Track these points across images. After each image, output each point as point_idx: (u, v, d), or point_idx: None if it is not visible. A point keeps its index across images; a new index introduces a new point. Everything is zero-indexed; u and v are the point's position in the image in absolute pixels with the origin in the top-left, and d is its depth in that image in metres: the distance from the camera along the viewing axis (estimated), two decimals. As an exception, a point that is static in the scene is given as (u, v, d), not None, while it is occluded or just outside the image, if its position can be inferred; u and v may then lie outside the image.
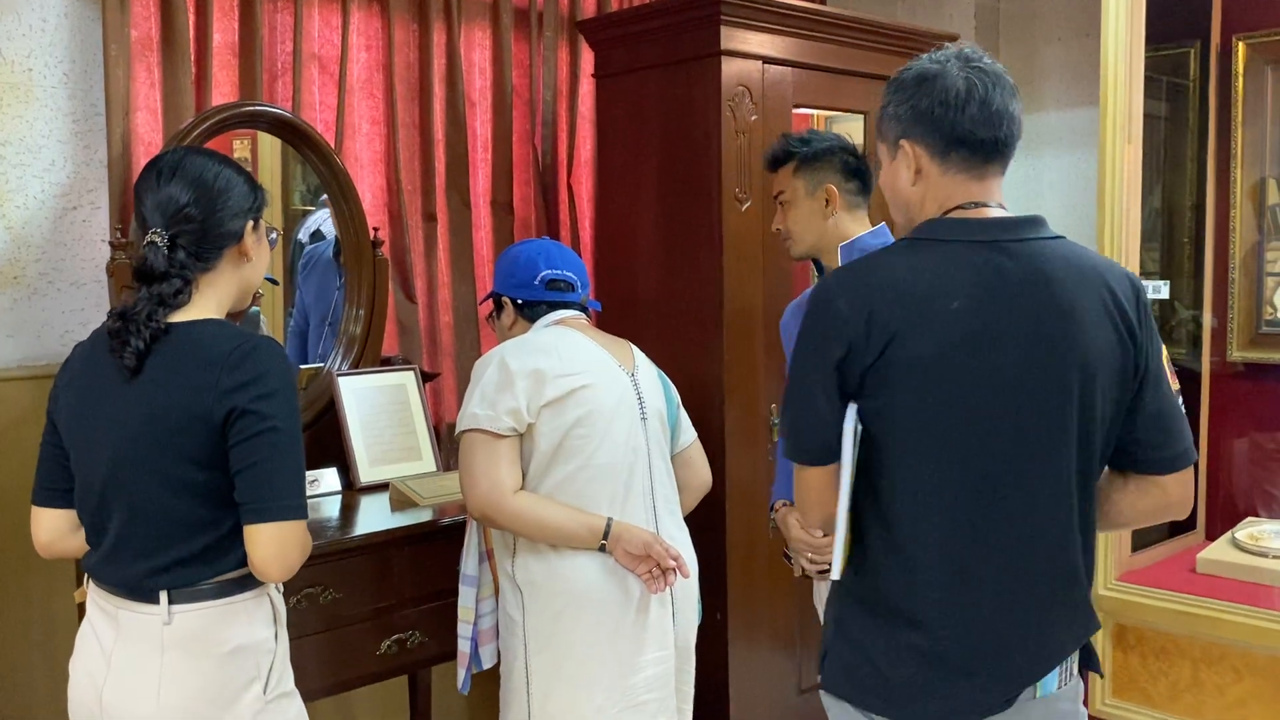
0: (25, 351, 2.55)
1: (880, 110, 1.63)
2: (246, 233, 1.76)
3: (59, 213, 2.58)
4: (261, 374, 1.63)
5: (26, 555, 2.54)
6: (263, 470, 1.62)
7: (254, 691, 1.68)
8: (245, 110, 2.65)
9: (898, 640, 1.52)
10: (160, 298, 1.66)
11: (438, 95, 3.11)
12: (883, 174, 1.66)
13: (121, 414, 1.65)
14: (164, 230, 1.68)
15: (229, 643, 1.66)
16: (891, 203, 1.65)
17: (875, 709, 1.54)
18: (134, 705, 1.64)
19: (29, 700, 2.58)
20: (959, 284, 1.49)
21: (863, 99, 3.20)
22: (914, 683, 1.51)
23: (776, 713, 3.12)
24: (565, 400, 2.17)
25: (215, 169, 1.73)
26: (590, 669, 2.18)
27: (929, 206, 1.58)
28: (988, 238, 1.53)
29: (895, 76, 1.61)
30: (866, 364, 1.47)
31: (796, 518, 2.38)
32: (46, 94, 2.55)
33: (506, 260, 2.41)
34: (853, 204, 2.42)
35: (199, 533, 1.65)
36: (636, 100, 3.11)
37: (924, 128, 1.55)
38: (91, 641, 1.72)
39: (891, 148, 1.61)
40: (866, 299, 1.47)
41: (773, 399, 3.02)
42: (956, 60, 1.56)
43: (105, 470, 1.67)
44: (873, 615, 1.54)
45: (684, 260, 3.01)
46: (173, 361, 1.64)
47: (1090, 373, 1.51)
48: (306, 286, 3.08)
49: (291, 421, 1.66)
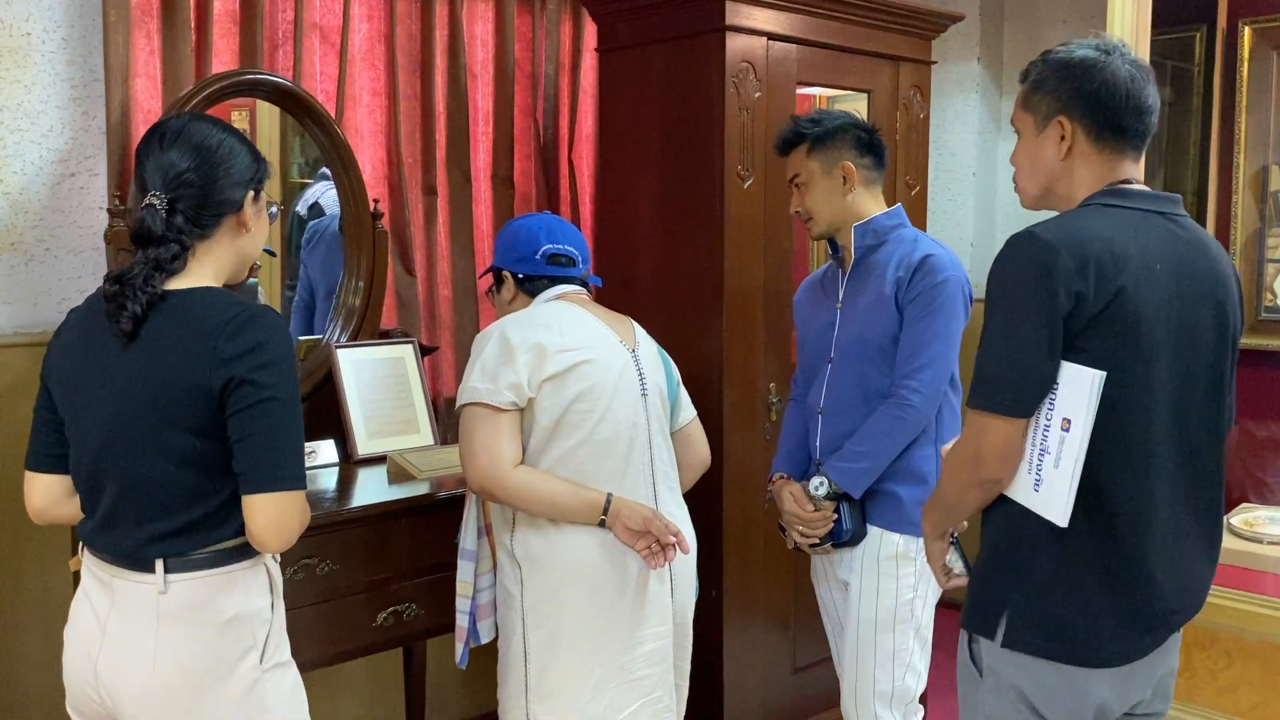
0: (22, 318, 2.53)
1: (1030, 84, 1.73)
2: (246, 203, 1.74)
3: (57, 179, 2.56)
4: (260, 343, 1.61)
5: (22, 523, 2.53)
6: (261, 440, 1.61)
7: (250, 661, 1.68)
8: (246, 78, 2.63)
9: (1110, 593, 1.60)
10: (157, 262, 1.64)
11: (439, 68, 3.09)
12: (1022, 144, 1.75)
13: (117, 381, 1.64)
14: (163, 194, 1.66)
15: (225, 612, 1.66)
16: (1027, 171, 1.75)
17: (1064, 658, 1.61)
18: (130, 674, 1.64)
19: (23, 668, 2.58)
20: (1156, 247, 1.61)
21: (867, 77, 3.18)
22: (1114, 631, 1.61)
23: (770, 691, 3.13)
24: (566, 375, 2.17)
25: (219, 136, 1.71)
26: (588, 644, 2.18)
27: (1080, 181, 1.70)
28: (1159, 209, 1.67)
29: (1059, 56, 1.72)
30: (1090, 316, 1.54)
31: (791, 491, 2.39)
32: (45, 59, 2.53)
33: (507, 234, 2.40)
34: (870, 179, 2.42)
35: (196, 502, 1.64)
36: (639, 75, 3.09)
37: (1085, 109, 1.67)
38: (86, 610, 1.71)
39: (1042, 121, 1.71)
40: (1088, 253, 1.54)
41: (772, 378, 3.01)
42: (1118, 51, 1.69)
43: (101, 438, 1.65)
44: (1082, 570, 1.60)
45: (685, 238, 2.99)
46: (170, 329, 1.63)
47: (1236, 336, 1.71)
48: (312, 261, 3.07)
49: (290, 391, 1.64)
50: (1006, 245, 1.60)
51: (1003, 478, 1.62)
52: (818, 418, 2.46)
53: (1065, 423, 1.55)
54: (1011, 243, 1.60)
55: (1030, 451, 1.59)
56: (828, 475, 2.35)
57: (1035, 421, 1.58)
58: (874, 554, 2.38)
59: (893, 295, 2.34)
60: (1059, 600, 1.60)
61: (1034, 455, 1.59)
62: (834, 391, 2.43)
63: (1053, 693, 1.62)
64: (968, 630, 1.70)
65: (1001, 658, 1.64)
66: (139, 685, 1.64)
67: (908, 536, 2.37)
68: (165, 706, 1.63)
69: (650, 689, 2.25)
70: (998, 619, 1.63)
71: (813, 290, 2.60)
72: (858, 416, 2.37)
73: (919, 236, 2.42)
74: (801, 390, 2.59)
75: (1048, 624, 1.61)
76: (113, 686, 1.65)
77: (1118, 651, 1.63)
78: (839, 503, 2.36)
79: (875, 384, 2.37)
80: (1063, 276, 1.53)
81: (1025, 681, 1.62)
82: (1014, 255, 1.59)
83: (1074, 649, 1.60)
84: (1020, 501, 1.61)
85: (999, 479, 1.62)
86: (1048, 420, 1.57)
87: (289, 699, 1.74)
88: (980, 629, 1.67)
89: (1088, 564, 1.60)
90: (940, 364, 2.33)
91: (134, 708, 1.65)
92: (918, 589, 2.39)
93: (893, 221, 2.43)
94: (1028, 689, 1.62)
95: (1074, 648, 1.60)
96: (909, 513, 2.36)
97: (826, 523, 2.36)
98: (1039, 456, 1.58)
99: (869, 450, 2.33)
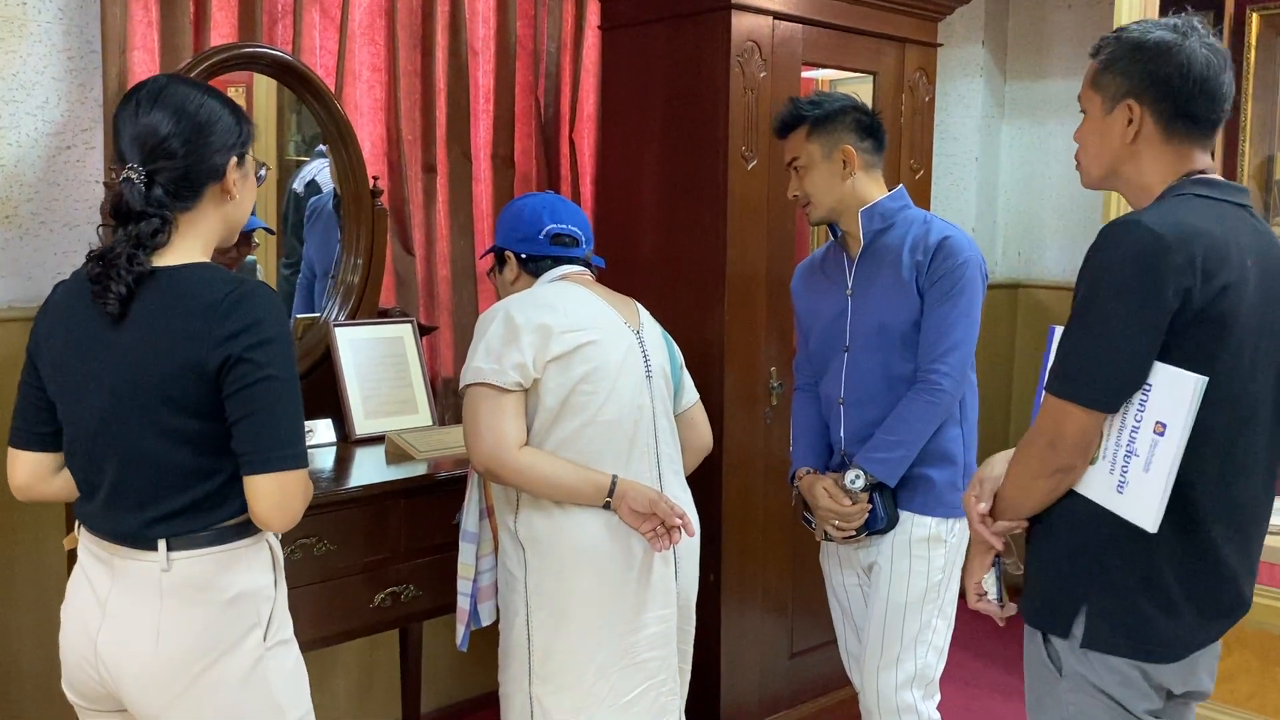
0: (16, 292, 2.50)
1: (1101, 63, 1.67)
2: (229, 169, 1.66)
3: (52, 152, 2.53)
4: (256, 321, 1.58)
5: (12, 501, 2.51)
6: (261, 420, 1.58)
7: (254, 638, 1.66)
8: (245, 51, 2.59)
9: (1189, 589, 1.59)
10: (138, 239, 1.59)
11: (440, 44, 3.05)
12: (1089, 123, 1.70)
13: (110, 363, 1.60)
14: (140, 166, 1.61)
15: (229, 589, 1.64)
16: (1092, 152, 1.70)
17: (1145, 655, 1.60)
18: (132, 651, 1.62)
19: (16, 646, 2.56)
20: (1244, 240, 1.57)
21: (872, 59, 3.16)
22: (1193, 624, 1.61)
23: (767, 676, 3.12)
24: (571, 355, 2.14)
25: (198, 100, 1.64)
26: (592, 626, 2.16)
27: (1149, 167, 1.64)
28: (1238, 200, 1.63)
29: (1134, 36, 1.65)
30: (1193, 314, 1.50)
31: (825, 486, 2.36)
32: (41, 29, 2.49)
33: (510, 214, 2.37)
34: (869, 163, 2.39)
35: (197, 482, 1.61)
36: (642, 54, 3.06)
37: (1156, 94, 1.61)
38: (84, 588, 1.69)
39: (1109, 102, 1.65)
40: (1194, 248, 1.50)
41: (773, 362, 2.99)
42: (1196, 33, 1.61)
43: (96, 420, 1.62)
44: (1163, 569, 1.58)
45: (687, 219, 2.97)
46: (161, 308, 1.59)
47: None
48: (310, 238, 3.04)
49: (288, 368, 1.61)
50: (1112, 231, 1.54)
51: (1076, 466, 1.59)
52: (839, 408, 2.42)
53: (1159, 426, 1.50)
54: (1117, 229, 1.53)
55: (1114, 452, 1.55)
56: (863, 467, 2.31)
57: (1121, 420, 1.54)
58: (905, 537, 2.36)
59: (912, 279, 2.31)
60: (1140, 599, 1.59)
61: (1118, 456, 1.54)
62: (855, 381, 2.40)
63: (1133, 686, 1.62)
64: (1039, 629, 1.69)
65: (1081, 657, 1.63)
66: (141, 663, 1.61)
67: (939, 519, 2.36)
68: (168, 684, 1.61)
69: (654, 671, 2.24)
70: (1073, 619, 1.62)
71: (812, 276, 2.55)
72: (883, 405, 2.34)
73: (928, 217, 2.39)
74: (809, 379, 2.56)
75: (1129, 623, 1.59)
76: (113, 664, 1.63)
77: (1193, 642, 1.63)
78: (872, 492, 2.33)
79: (898, 370, 2.34)
80: (1171, 272, 1.48)
81: (1107, 678, 1.62)
82: (1121, 243, 1.52)
83: (1155, 646, 1.60)
84: (1098, 501, 1.58)
85: (1072, 467, 1.59)
86: (1137, 421, 1.52)
87: (291, 676, 1.72)
88: (1054, 629, 1.65)
89: (1168, 563, 1.58)
90: (966, 345, 2.30)
91: (135, 685, 1.63)
92: (946, 570, 2.38)
93: (898, 203, 2.40)
94: (1109, 685, 1.62)
95: (1155, 645, 1.60)
96: (941, 495, 2.35)
97: (863, 514, 2.33)
98: (1125, 458, 1.53)
99: (903, 438, 2.30)
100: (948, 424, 2.35)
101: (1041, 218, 4.45)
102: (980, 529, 1.73)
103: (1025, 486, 1.65)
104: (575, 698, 2.17)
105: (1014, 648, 4.20)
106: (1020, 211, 4.52)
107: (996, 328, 4.31)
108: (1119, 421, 1.54)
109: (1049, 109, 4.39)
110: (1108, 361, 1.53)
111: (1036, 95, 4.42)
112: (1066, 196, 4.37)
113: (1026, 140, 4.47)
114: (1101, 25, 4.02)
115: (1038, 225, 4.47)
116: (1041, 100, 4.41)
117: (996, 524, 1.72)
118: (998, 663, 3.93)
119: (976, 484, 1.76)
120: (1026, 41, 4.43)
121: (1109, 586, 1.60)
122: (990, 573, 1.77)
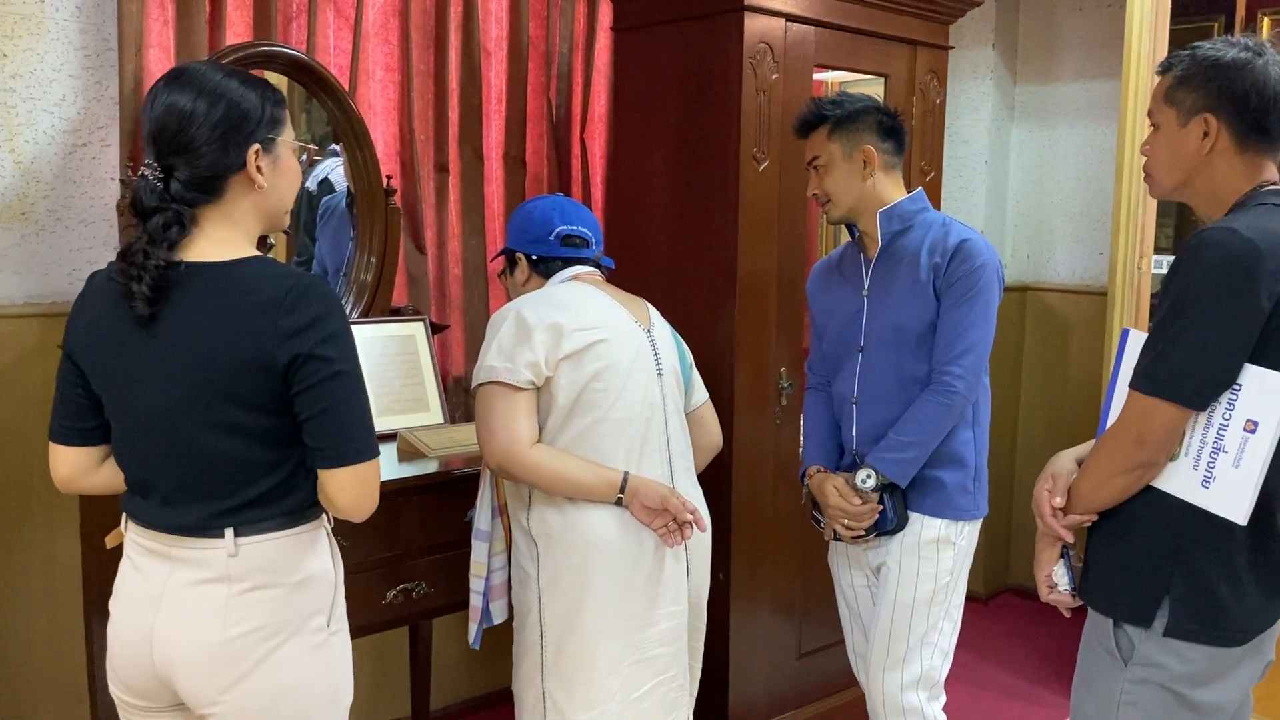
0: (32, 288, 2.52)
1: (1176, 78, 1.73)
2: (251, 159, 1.62)
3: (69, 149, 2.54)
4: (319, 316, 1.57)
5: (28, 493, 2.53)
6: (335, 415, 1.58)
7: (318, 622, 1.66)
8: (261, 50, 2.61)
9: (1258, 573, 1.67)
10: (152, 235, 1.56)
11: (453, 44, 3.07)
12: (1162, 137, 1.76)
13: (166, 361, 1.58)
14: (154, 162, 1.59)
15: (296, 574, 1.64)
16: (1165, 164, 1.77)
17: (1223, 641, 1.66)
18: (191, 638, 1.60)
19: (29, 637, 2.57)
20: None
21: (884, 61, 3.16)
22: (1259, 606, 1.68)
23: (776, 675, 3.13)
24: (583, 354, 2.16)
25: (214, 89, 1.60)
26: (604, 622, 2.17)
27: (1222, 178, 1.72)
28: None
29: (1210, 54, 1.71)
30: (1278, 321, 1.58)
31: (836, 485, 2.37)
32: (59, 27, 2.50)
33: (520, 216, 2.38)
34: (890, 164, 2.40)
35: (266, 475, 1.61)
36: (654, 55, 3.07)
37: (1232, 109, 1.69)
38: (136, 582, 1.66)
39: (1185, 115, 1.72)
40: None
41: (783, 363, 3.00)
42: (1269, 53, 1.70)
43: (150, 418, 1.60)
44: (1237, 556, 1.65)
45: (698, 220, 2.97)
46: (218, 305, 1.57)
47: None
48: (323, 237, 3.06)
49: (353, 361, 1.61)
50: (1208, 237, 1.60)
51: (1158, 462, 1.66)
52: (851, 408, 2.43)
53: (1250, 424, 1.59)
54: (1213, 236, 1.60)
55: (1198, 449, 1.63)
56: (875, 467, 2.32)
57: (1208, 418, 1.62)
58: (914, 539, 2.37)
59: (929, 281, 2.32)
60: (1219, 588, 1.65)
61: (1204, 453, 1.62)
62: (869, 381, 2.40)
63: (1206, 676, 1.67)
64: (1114, 619, 1.73)
65: (1161, 646, 1.68)
66: (205, 646, 1.60)
67: (948, 521, 2.36)
68: (232, 666, 1.60)
69: (664, 668, 2.25)
70: (1155, 609, 1.68)
71: (829, 276, 2.56)
72: (896, 405, 2.35)
73: (947, 220, 2.40)
74: (821, 379, 2.57)
75: (1210, 611, 1.65)
76: (170, 652, 1.61)
77: (1260, 624, 1.70)
78: (882, 493, 2.34)
79: (912, 371, 2.35)
80: (1265, 277, 1.56)
81: (1182, 667, 1.67)
82: (1218, 249, 1.58)
83: (1231, 632, 1.66)
84: (1180, 496, 1.65)
85: (1154, 463, 1.66)
86: (1225, 419, 1.60)
87: (347, 663, 1.74)
88: (1133, 618, 1.70)
89: (1242, 551, 1.66)
90: (981, 348, 2.31)
91: (194, 670, 1.61)
92: (954, 572, 2.39)
93: (916, 205, 2.41)
94: (1183, 674, 1.67)
95: (1231, 630, 1.66)
96: (952, 497, 2.36)
97: (873, 514, 2.33)
98: (1212, 454, 1.62)
99: (915, 439, 2.30)
100: (960, 427, 2.36)
101: (1051, 221, 4.46)
102: (1052, 523, 1.79)
103: (1104, 482, 1.71)
104: (586, 693, 2.18)
105: (1018, 649, 4.21)
106: (1029, 214, 4.52)
107: (1005, 331, 4.31)
108: (1205, 419, 1.62)
109: (1059, 112, 4.39)
110: (1203, 362, 1.60)
111: (1047, 98, 4.43)
112: (1076, 200, 4.37)
113: (1036, 143, 4.47)
114: (1112, 29, 4.02)
115: (1047, 228, 4.47)
116: (1052, 103, 4.41)
117: (1068, 518, 1.78)
118: (1002, 664, 3.93)
119: (1049, 479, 1.82)
120: (1037, 44, 4.44)
121: (1191, 577, 1.66)
122: (1059, 565, 1.82)
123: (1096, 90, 4.27)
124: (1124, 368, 1.72)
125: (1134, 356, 1.69)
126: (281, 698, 1.63)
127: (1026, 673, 3.88)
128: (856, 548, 2.47)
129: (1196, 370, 1.60)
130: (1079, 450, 1.84)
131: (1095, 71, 4.27)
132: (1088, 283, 4.35)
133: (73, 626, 2.60)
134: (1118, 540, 1.74)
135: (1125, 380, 1.70)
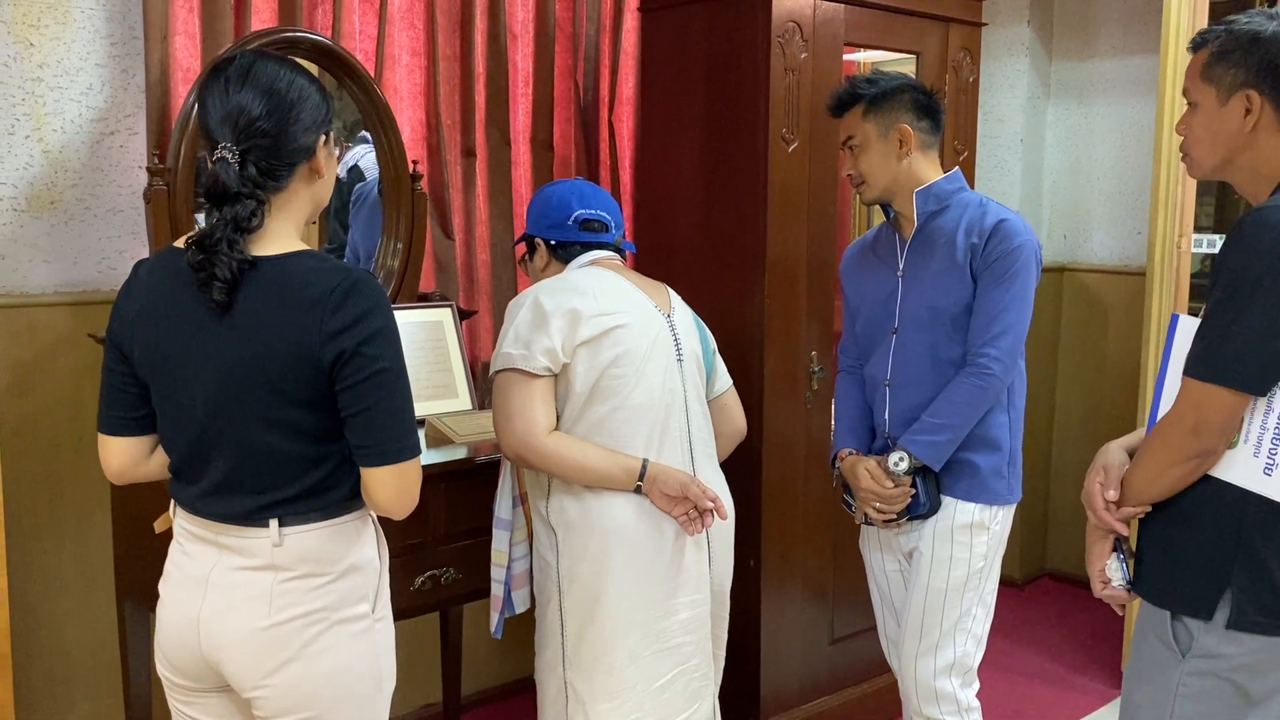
0: (61, 277, 2.53)
1: (1213, 54, 1.68)
2: (319, 147, 1.63)
3: (96, 138, 2.55)
4: (365, 312, 1.56)
5: (60, 480, 2.55)
6: (379, 413, 1.58)
7: (363, 609, 1.67)
8: (285, 36, 2.59)
9: None
10: (235, 222, 1.54)
11: (479, 27, 3.05)
12: (1201, 115, 1.71)
13: (217, 353, 1.58)
14: (234, 145, 1.56)
15: (341, 562, 1.64)
16: (1206, 143, 1.71)
17: None
18: (238, 623, 1.61)
19: (62, 625, 2.59)
20: None
21: (916, 39, 3.11)
22: None
23: (808, 661, 3.11)
24: (601, 340, 2.14)
25: (288, 77, 1.60)
26: (624, 611, 2.15)
27: (1266, 154, 1.66)
28: None
29: (1248, 28, 1.67)
30: None
31: (868, 467, 2.34)
32: (84, 16, 2.51)
33: (539, 201, 2.36)
34: (926, 144, 2.35)
35: (310, 470, 1.62)
36: (682, 35, 3.03)
37: (1275, 84, 1.64)
38: (185, 565, 1.68)
39: (1225, 92, 1.67)
40: None
41: (813, 347, 2.97)
42: None
43: (202, 411, 1.60)
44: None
45: (727, 203, 2.94)
46: (269, 300, 1.56)
47: None
48: (355, 224, 3.05)
49: (399, 359, 1.61)
50: (1264, 217, 1.56)
51: (1216, 450, 1.61)
52: (884, 390, 2.39)
53: None
54: (1265, 216, 1.56)
55: (1259, 435, 1.59)
56: (907, 450, 2.28)
57: (1268, 403, 1.58)
58: (948, 523, 2.33)
59: (966, 262, 2.28)
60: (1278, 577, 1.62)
61: (1264, 440, 1.59)
62: (902, 362, 2.37)
63: (1266, 665, 1.64)
64: (1174, 611, 1.69)
65: (1223, 638, 1.65)
66: (252, 630, 1.61)
67: (982, 505, 2.33)
68: (278, 650, 1.61)
69: (686, 657, 2.23)
70: (1217, 600, 1.64)
71: (863, 256, 2.52)
72: (930, 387, 2.31)
73: (984, 200, 2.35)
74: (853, 362, 2.54)
75: (1275, 602, 1.62)
76: (217, 636, 1.62)
77: None
78: (915, 476, 2.31)
79: (946, 353, 2.31)
80: None
81: (1244, 659, 1.64)
82: (1274, 229, 1.54)
83: None
84: (1241, 485, 1.61)
85: (1212, 451, 1.62)
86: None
87: (390, 651, 1.74)
88: (1194, 610, 1.66)
89: None
90: (1018, 330, 2.27)
91: (240, 654, 1.62)
92: (988, 557, 2.36)
93: (953, 185, 2.36)
94: (1244, 665, 1.64)
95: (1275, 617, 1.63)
96: (986, 481, 2.32)
97: (905, 498, 2.30)
98: (1274, 441, 1.58)
99: (950, 421, 2.26)
100: (995, 410, 2.32)
101: (1087, 201, 4.38)
102: (1106, 516, 1.74)
103: (1160, 472, 1.67)
104: (607, 682, 2.16)
105: (1054, 635, 4.17)
106: (1066, 194, 4.44)
107: (1042, 312, 4.25)
108: (1264, 405, 1.58)
109: (1096, 89, 4.31)
110: (1263, 345, 1.55)
111: (1083, 75, 4.34)
112: (1113, 179, 4.29)
113: (1072, 121, 4.40)
114: (1151, 3, 3.94)
115: (1084, 208, 4.40)
116: (1088, 80, 4.33)
117: (1122, 510, 1.73)
118: (1038, 650, 3.89)
119: (1099, 471, 1.77)
120: (1073, 20, 4.35)
121: (1254, 567, 1.62)
122: (1113, 559, 1.77)
123: (1134, 66, 4.18)
124: (1174, 355, 1.67)
125: (1185, 342, 1.64)
126: (326, 682, 1.64)
127: (1063, 659, 3.83)
128: (888, 532, 2.44)
129: (1256, 354, 1.56)
130: (1128, 440, 1.79)
131: (1133, 47, 4.18)
132: (1125, 263, 4.28)
133: (105, 614, 2.62)
134: (1174, 531, 1.69)
135: (1176, 368, 1.65)
